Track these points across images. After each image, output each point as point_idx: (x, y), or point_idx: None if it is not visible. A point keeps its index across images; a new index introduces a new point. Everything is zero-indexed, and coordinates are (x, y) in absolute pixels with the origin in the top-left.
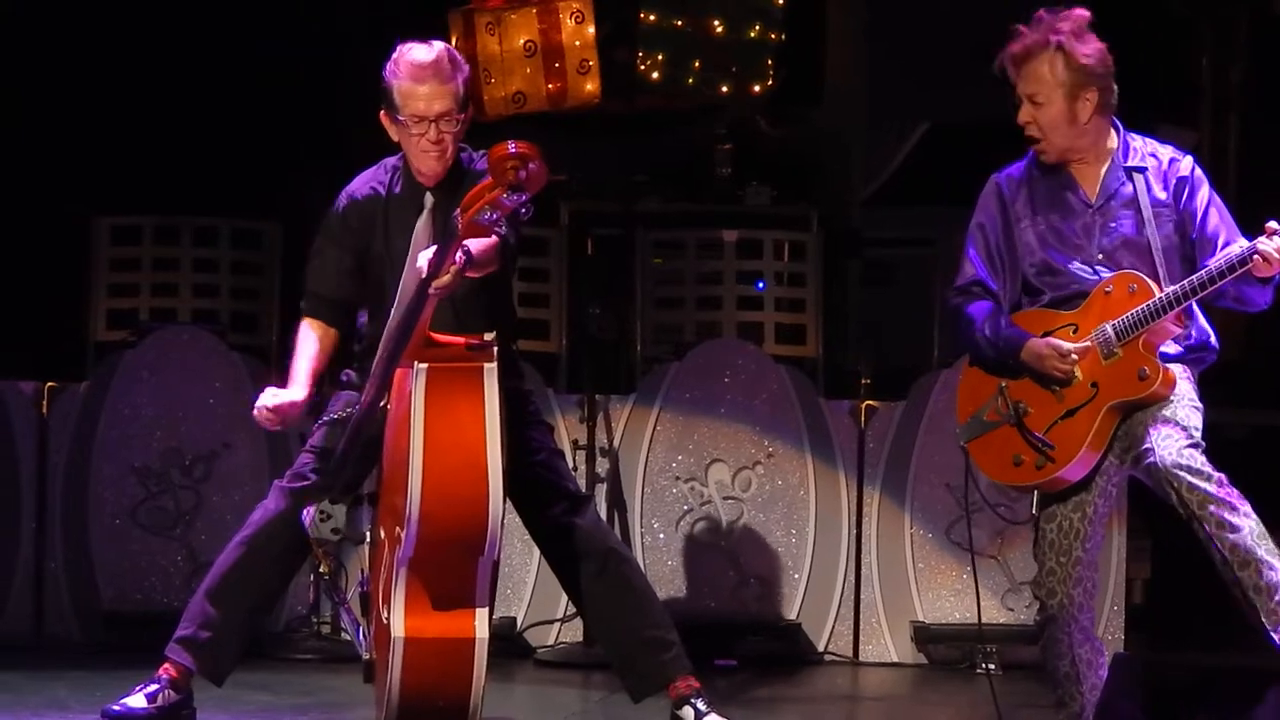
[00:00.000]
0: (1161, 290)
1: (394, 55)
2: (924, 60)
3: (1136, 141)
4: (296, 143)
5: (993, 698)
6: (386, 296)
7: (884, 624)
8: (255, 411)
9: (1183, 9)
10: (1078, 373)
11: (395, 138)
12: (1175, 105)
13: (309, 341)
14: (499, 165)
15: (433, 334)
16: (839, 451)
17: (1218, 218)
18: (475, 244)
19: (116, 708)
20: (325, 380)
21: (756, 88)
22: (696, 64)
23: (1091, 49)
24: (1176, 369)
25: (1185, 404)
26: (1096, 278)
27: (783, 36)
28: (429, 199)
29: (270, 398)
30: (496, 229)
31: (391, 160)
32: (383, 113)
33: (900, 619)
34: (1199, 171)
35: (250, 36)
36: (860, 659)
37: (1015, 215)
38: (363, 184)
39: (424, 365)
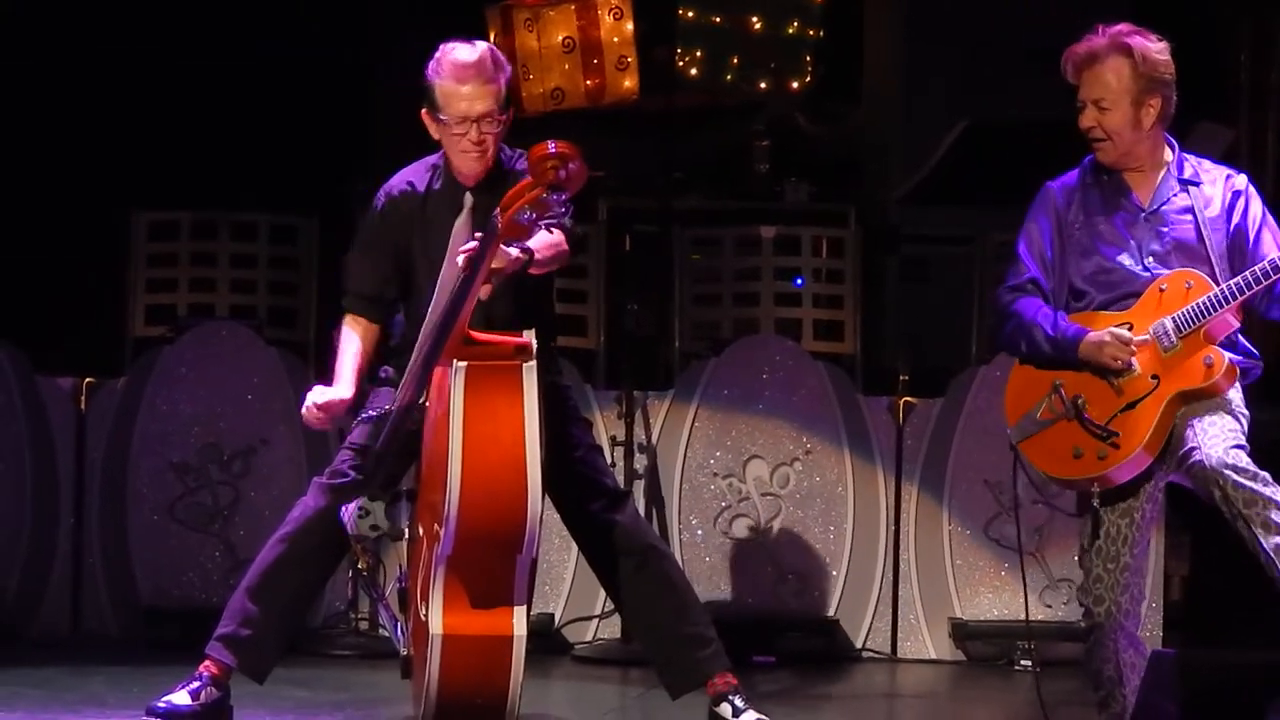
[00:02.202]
0: (1218, 285)
1: (436, 54)
2: (962, 58)
3: (1191, 160)
4: (334, 138)
5: (1037, 694)
6: (423, 294)
7: (922, 621)
8: (304, 411)
9: (1222, 7)
10: (1136, 365)
11: (436, 136)
12: (1214, 103)
13: (351, 339)
14: (539, 165)
15: (472, 332)
16: (877, 448)
17: (1270, 237)
18: (539, 243)
19: (161, 704)
20: (365, 377)
21: (795, 84)
22: (735, 60)
23: (1159, 58)
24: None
25: (1232, 408)
26: (1149, 276)
27: (821, 33)
28: (468, 198)
29: (318, 395)
30: (538, 227)
31: (431, 158)
32: (424, 111)
33: (938, 616)
34: (1253, 189)
35: (289, 33)
36: (898, 656)
37: (1069, 220)
38: (400, 181)
39: (463, 363)
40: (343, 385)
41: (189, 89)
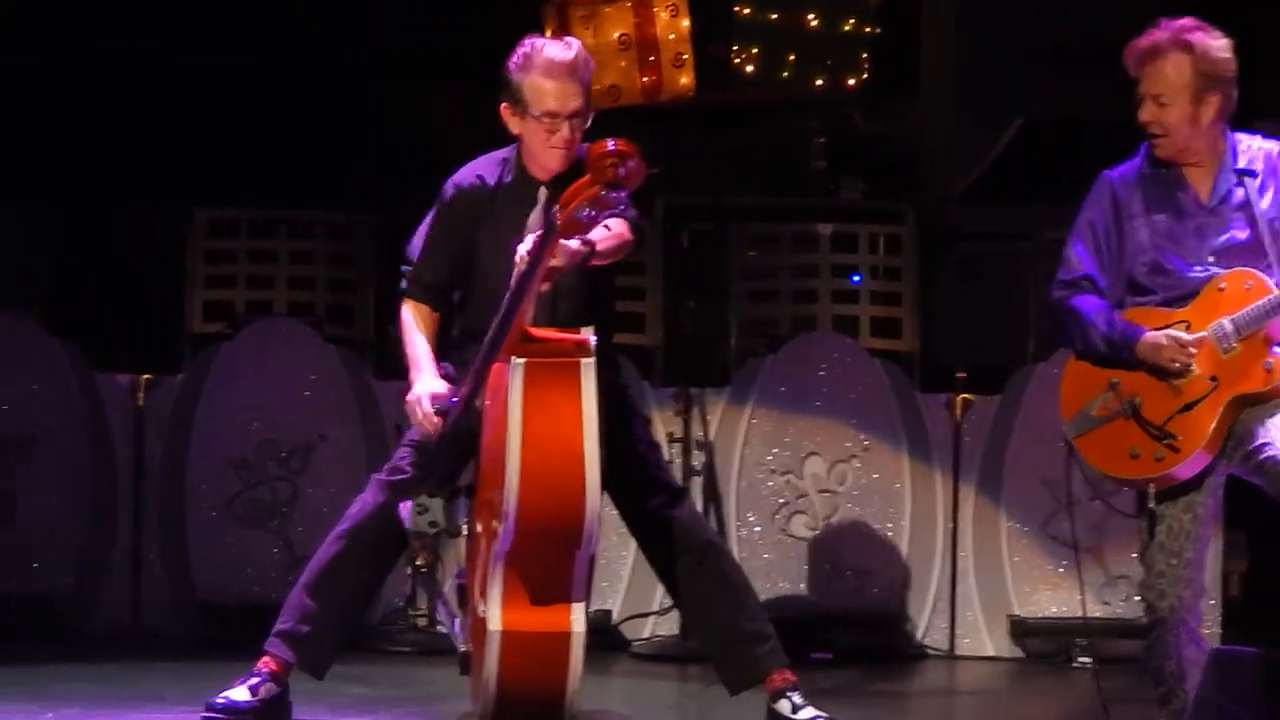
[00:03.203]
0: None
1: (523, 49)
2: (1018, 54)
3: (1244, 142)
4: (393, 137)
5: (1097, 691)
6: (489, 288)
7: (980, 618)
8: (423, 421)
9: None
10: (1195, 366)
11: (516, 131)
12: (1276, 101)
13: (415, 327)
14: (598, 163)
15: (530, 329)
16: (934, 445)
17: None
18: (600, 235)
19: (220, 700)
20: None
21: (851, 81)
22: (791, 57)
23: (1220, 55)
24: None
25: None
26: (1207, 274)
27: (877, 30)
28: (543, 193)
29: (427, 401)
30: (597, 225)
31: (501, 153)
32: (504, 106)
33: (996, 613)
34: None
35: (350, 32)
36: (956, 653)
37: (1127, 214)
38: (470, 174)
39: (521, 360)
40: (430, 374)
41: (249, 88)
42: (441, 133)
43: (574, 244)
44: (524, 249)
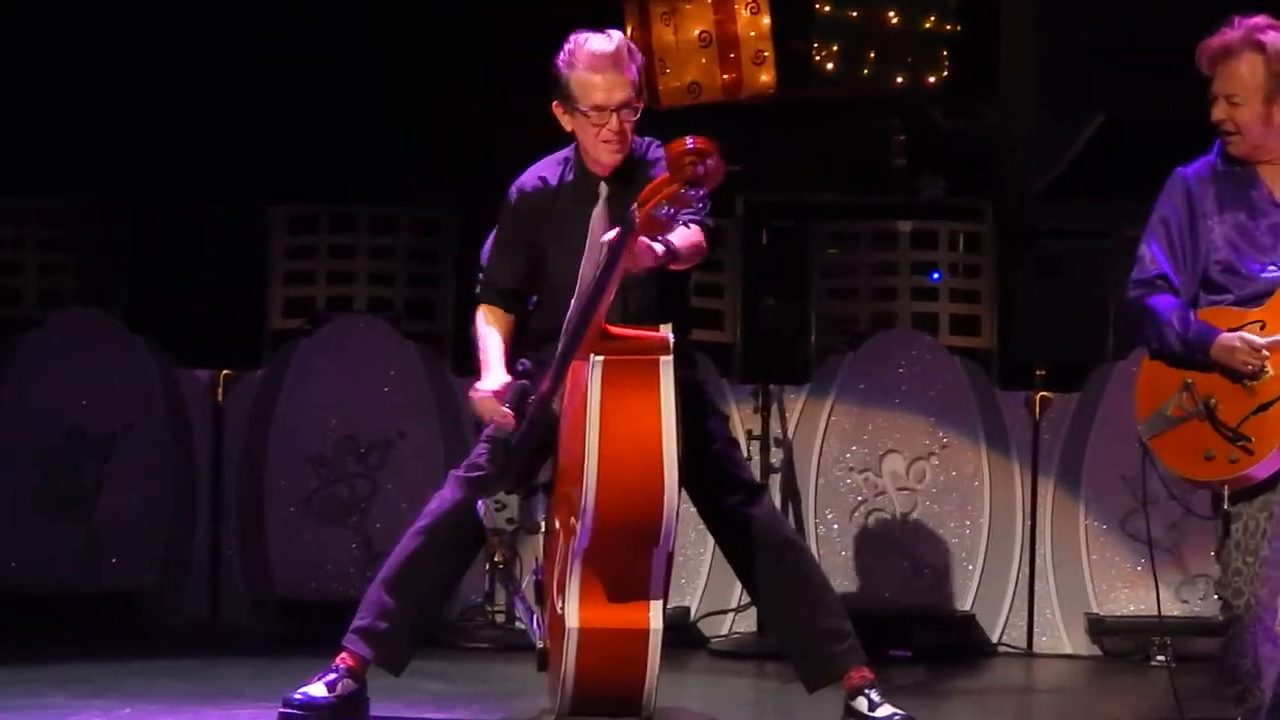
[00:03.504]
0: None
1: (568, 46)
2: (1099, 52)
3: None
4: (473, 131)
5: (1172, 689)
6: (558, 286)
7: (1058, 615)
8: (499, 420)
9: None
10: (1269, 368)
11: (569, 128)
12: None
13: (491, 329)
14: (677, 160)
15: (609, 326)
16: (1014, 443)
17: None
18: (682, 241)
19: (298, 696)
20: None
21: (931, 79)
22: (871, 55)
23: None
24: None
25: None
26: None
27: (958, 27)
28: (603, 188)
29: (489, 396)
30: (676, 222)
31: (563, 152)
32: (556, 104)
33: (1075, 611)
34: None
35: (431, 27)
36: (1034, 650)
37: (1202, 211)
38: (532, 175)
39: (600, 357)
40: (498, 372)
41: (330, 84)
42: (522, 129)
43: (658, 248)
44: (602, 247)
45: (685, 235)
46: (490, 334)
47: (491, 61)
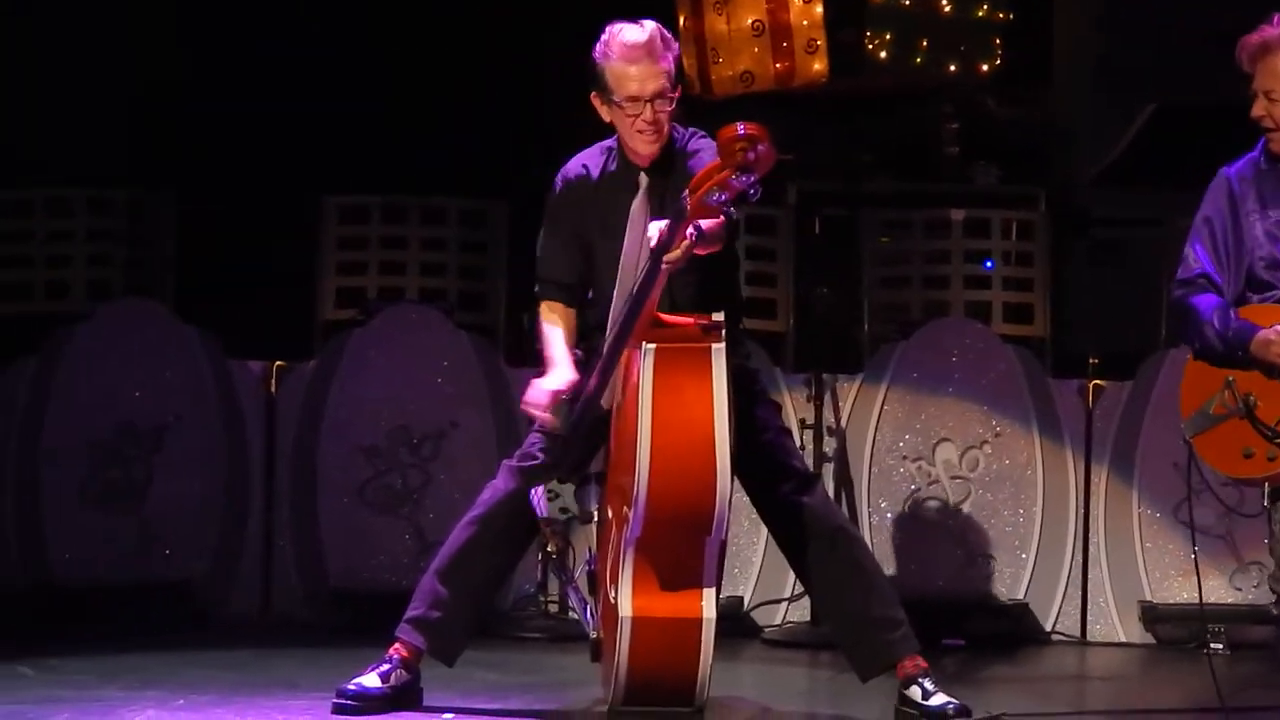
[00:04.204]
0: None
1: (603, 37)
2: (1152, 40)
3: None
4: (524, 122)
5: (1212, 677)
6: (604, 276)
7: (1111, 604)
8: (540, 419)
9: None
10: None
11: (608, 119)
12: None
13: (554, 324)
14: (728, 146)
15: (660, 314)
16: (1067, 431)
17: None
18: (705, 221)
19: (351, 686)
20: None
21: (984, 67)
22: (924, 43)
23: None
24: None
25: None
26: None
27: (1011, 16)
28: (643, 179)
29: (541, 396)
30: (725, 210)
31: (606, 142)
32: (594, 95)
33: (1128, 599)
34: None
35: (480, 18)
36: (1087, 639)
37: (1245, 209)
38: (575, 165)
39: (652, 345)
40: (562, 369)
41: (380, 74)
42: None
43: (688, 230)
44: (653, 234)
45: (708, 219)
46: (553, 331)
47: (536, 53)
